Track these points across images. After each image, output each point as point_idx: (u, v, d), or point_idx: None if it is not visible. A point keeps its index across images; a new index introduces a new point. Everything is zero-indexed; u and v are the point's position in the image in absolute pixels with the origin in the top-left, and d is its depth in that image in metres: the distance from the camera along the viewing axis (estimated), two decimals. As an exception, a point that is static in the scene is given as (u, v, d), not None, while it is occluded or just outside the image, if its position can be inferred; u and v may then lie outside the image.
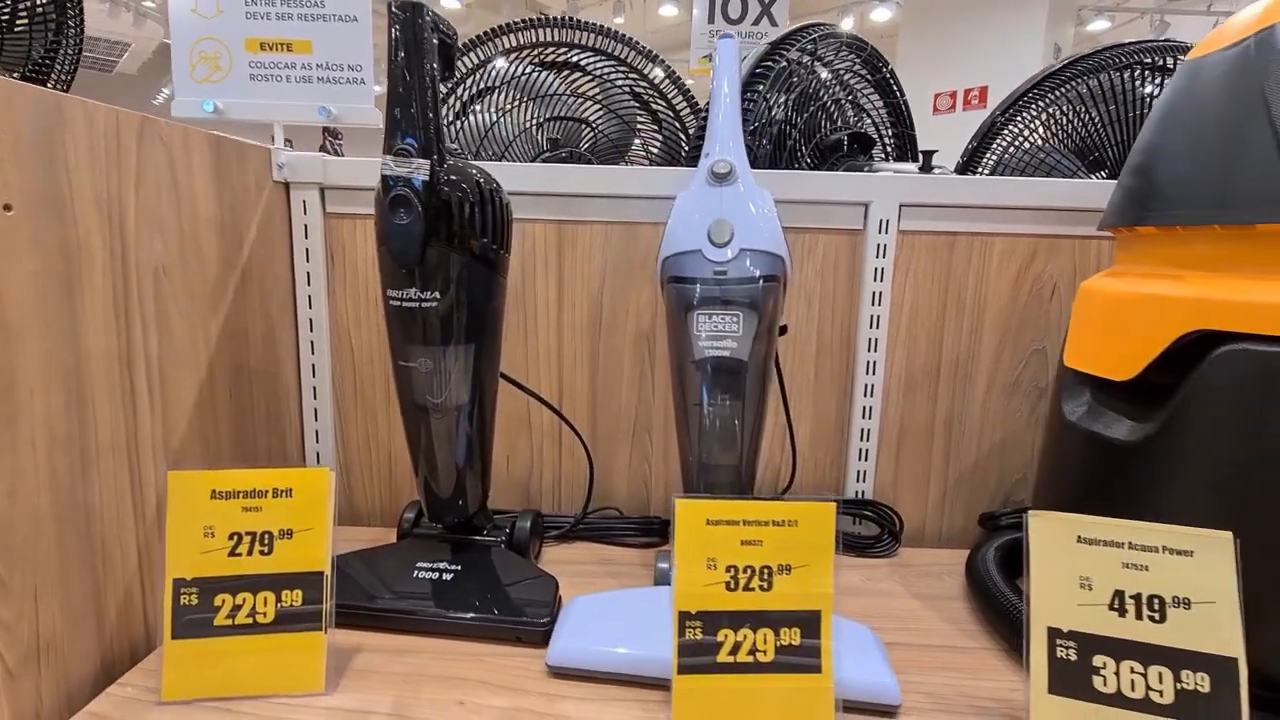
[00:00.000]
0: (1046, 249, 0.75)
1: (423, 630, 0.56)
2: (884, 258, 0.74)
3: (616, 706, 0.49)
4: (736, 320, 0.58)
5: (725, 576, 0.46)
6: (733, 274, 0.58)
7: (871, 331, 0.76)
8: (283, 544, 0.49)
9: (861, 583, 0.69)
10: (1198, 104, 0.52)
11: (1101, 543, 0.45)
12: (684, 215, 0.61)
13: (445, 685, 0.50)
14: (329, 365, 0.78)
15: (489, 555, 0.64)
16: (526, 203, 0.75)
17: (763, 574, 0.47)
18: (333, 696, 0.49)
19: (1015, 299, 0.76)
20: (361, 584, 0.60)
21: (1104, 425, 0.55)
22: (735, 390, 0.59)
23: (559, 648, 0.52)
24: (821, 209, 0.75)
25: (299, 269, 0.75)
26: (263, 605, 0.49)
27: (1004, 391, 0.78)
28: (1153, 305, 0.51)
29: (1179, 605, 0.43)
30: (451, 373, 0.60)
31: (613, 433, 0.80)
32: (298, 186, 0.74)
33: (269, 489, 0.49)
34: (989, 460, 0.79)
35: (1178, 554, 0.43)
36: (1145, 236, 0.55)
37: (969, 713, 0.49)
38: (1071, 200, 0.72)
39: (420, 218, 0.53)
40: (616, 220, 0.76)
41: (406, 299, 0.56)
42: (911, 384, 0.78)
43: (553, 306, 0.78)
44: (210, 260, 0.62)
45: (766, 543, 0.47)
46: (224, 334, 0.64)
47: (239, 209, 0.66)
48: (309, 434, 0.79)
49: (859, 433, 0.78)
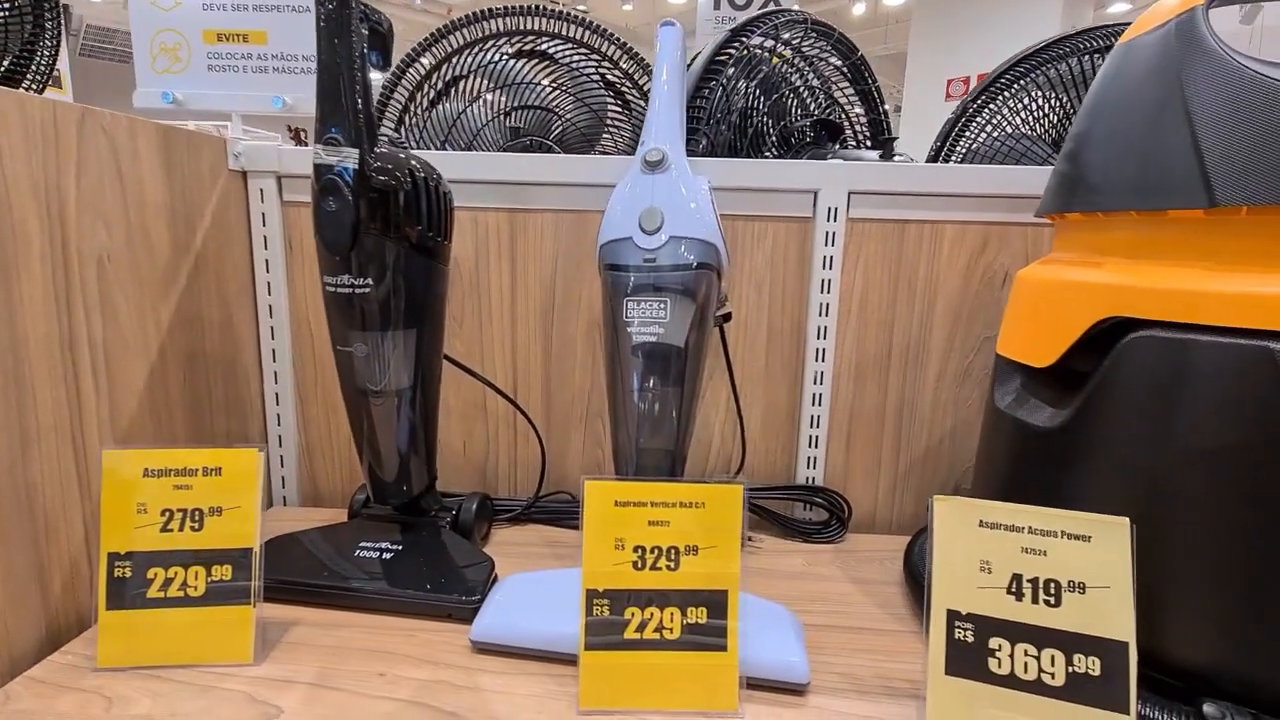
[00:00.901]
0: (998, 237, 0.74)
1: (358, 606, 0.58)
2: (833, 245, 0.75)
3: (531, 680, 0.50)
4: (665, 306, 0.58)
5: (633, 556, 0.48)
6: (662, 260, 0.58)
7: (821, 319, 0.76)
8: (213, 521, 0.51)
9: (803, 567, 0.70)
10: (1124, 89, 0.51)
11: (1002, 527, 0.45)
12: (618, 203, 0.61)
13: (370, 658, 0.52)
14: (289, 351, 0.80)
15: (431, 536, 0.66)
16: (478, 191, 0.76)
17: (670, 554, 0.48)
18: (260, 667, 0.51)
19: (966, 287, 0.76)
20: (303, 561, 0.62)
21: (1028, 412, 0.55)
22: (666, 375, 0.60)
23: (482, 624, 0.54)
24: (770, 196, 0.75)
25: (258, 257, 0.77)
26: (194, 579, 0.51)
27: (955, 380, 0.77)
28: (1071, 292, 0.51)
29: (1074, 590, 0.43)
30: (390, 358, 0.61)
31: (566, 418, 0.81)
32: (255, 175, 0.76)
33: (199, 468, 0.51)
34: (940, 449, 0.79)
35: (1076, 539, 0.44)
36: (1074, 223, 0.55)
37: (879, 692, 0.50)
38: (1023, 187, 0.72)
39: (350, 205, 0.54)
40: (567, 209, 0.77)
41: (340, 285, 0.57)
42: (862, 372, 0.78)
43: (506, 294, 0.79)
44: (160, 247, 0.64)
45: (674, 524, 0.48)
46: (177, 319, 0.66)
47: (192, 197, 0.67)
48: (270, 418, 0.81)
49: (809, 420, 0.78)
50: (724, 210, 0.61)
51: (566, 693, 0.49)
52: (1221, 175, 0.42)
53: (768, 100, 0.92)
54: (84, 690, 0.47)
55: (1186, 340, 0.44)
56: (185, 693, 0.48)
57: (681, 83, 0.65)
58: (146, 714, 0.45)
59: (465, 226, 0.77)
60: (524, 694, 0.49)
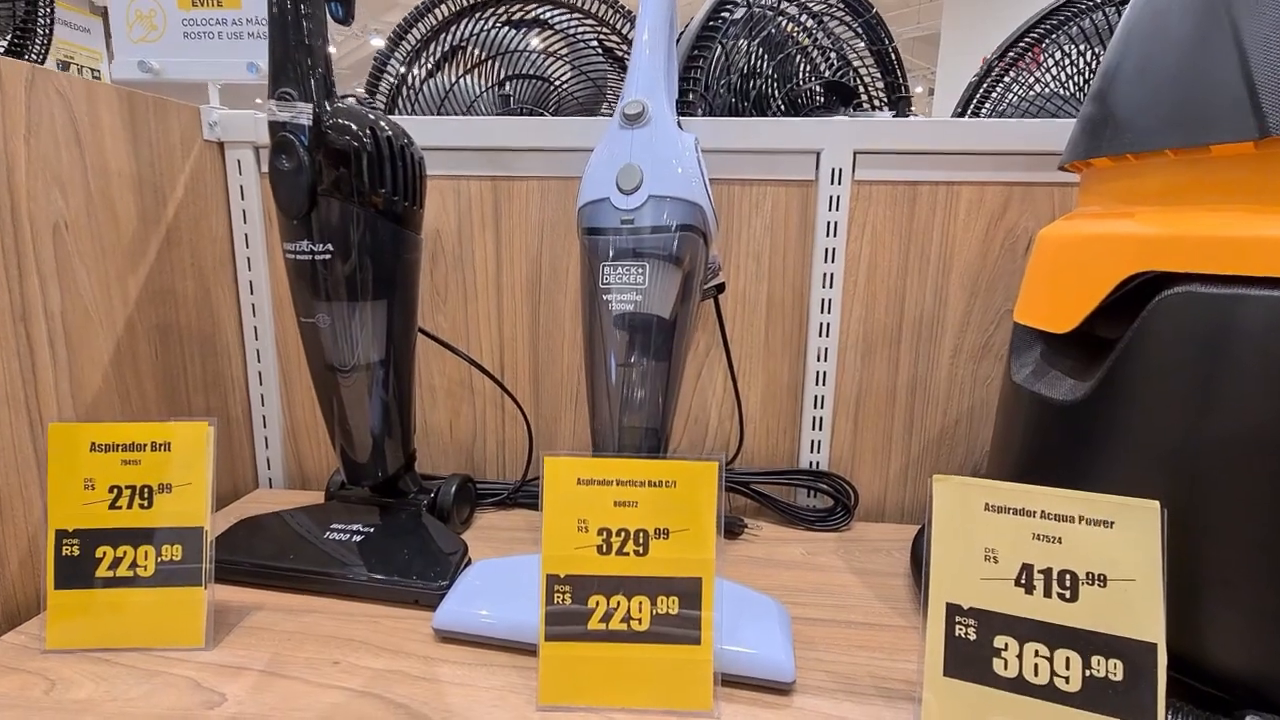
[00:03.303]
0: (1020, 198, 0.68)
1: (324, 591, 0.56)
2: (838, 210, 0.69)
3: (493, 672, 0.47)
4: (644, 272, 0.54)
5: (597, 540, 0.44)
6: (641, 222, 0.54)
7: (825, 291, 0.71)
8: (162, 498, 0.48)
9: (801, 556, 0.65)
10: (1158, 18, 0.45)
11: (1011, 511, 0.40)
12: (596, 162, 0.57)
13: (328, 645, 0.49)
14: (272, 328, 0.78)
15: (406, 519, 0.63)
16: (460, 158, 0.72)
17: (638, 538, 0.43)
18: (212, 652, 0.48)
19: (985, 254, 0.69)
20: (270, 543, 0.59)
21: (1046, 385, 0.49)
22: (647, 348, 0.56)
23: (446, 611, 0.50)
24: (769, 159, 0.69)
25: (236, 230, 0.75)
26: (143, 559, 0.48)
27: (972, 356, 0.71)
28: (1096, 246, 0.45)
29: (1093, 582, 0.38)
30: (358, 331, 0.58)
31: (555, 397, 0.77)
32: (232, 146, 0.73)
33: (147, 442, 0.48)
34: (956, 430, 0.73)
35: (1096, 524, 0.38)
36: (1101, 171, 0.49)
37: (871, 694, 0.45)
38: (1049, 142, 0.65)
39: (304, 165, 0.51)
40: (554, 175, 0.72)
41: (300, 251, 0.54)
42: (870, 347, 0.72)
43: (491, 268, 0.75)
44: (126, 217, 0.62)
45: (643, 504, 0.44)
46: (146, 292, 0.64)
47: (161, 167, 0.65)
48: (254, 398, 0.79)
49: (813, 399, 0.73)
50: (719, 174, 0.56)
51: (529, 686, 0.45)
52: (1276, 100, 0.36)
53: (772, 60, 0.86)
54: (28, 672, 0.45)
55: (1230, 295, 0.38)
56: (130, 677, 0.45)
57: (668, 30, 0.60)
58: (87, 698, 0.43)
59: (447, 196, 0.74)
60: (484, 686, 0.45)
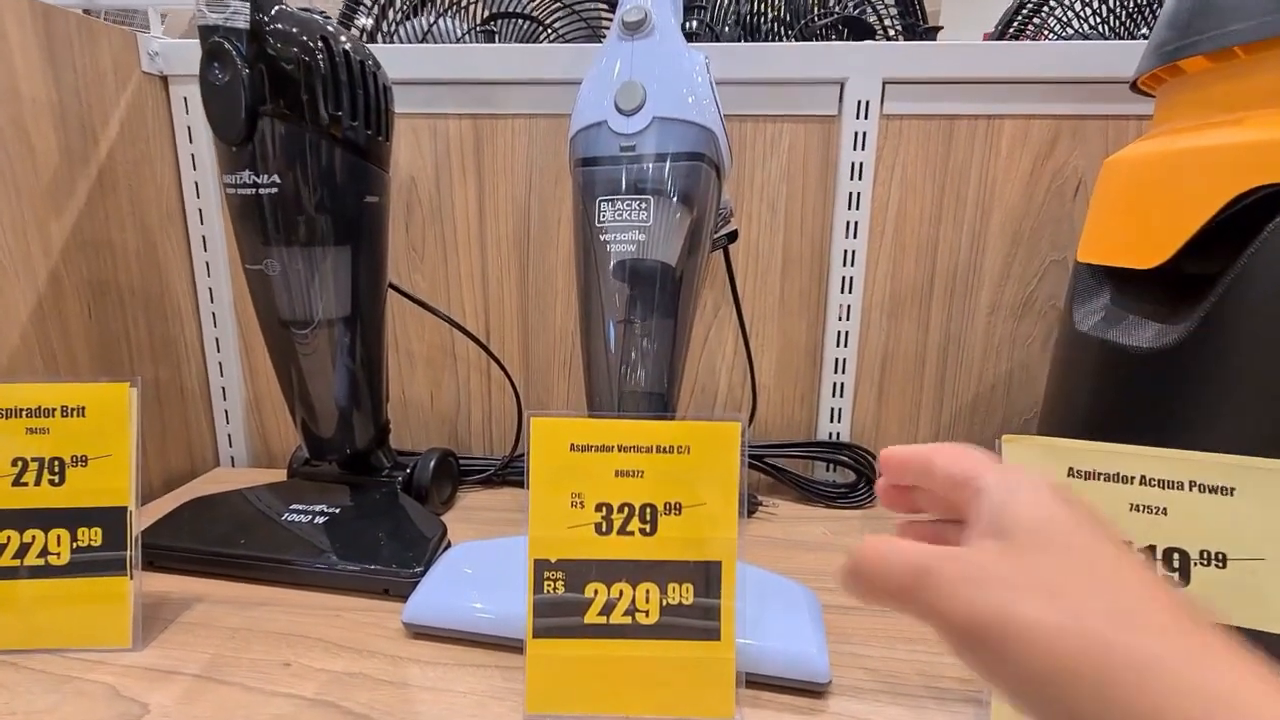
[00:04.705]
0: (1070, 133, 0.60)
1: (278, 580, 0.48)
2: (864, 149, 0.61)
3: (472, 674, 0.39)
4: (647, 208, 0.46)
5: (595, 517, 0.36)
6: (644, 149, 0.46)
7: (848, 242, 0.63)
8: (76, 473, 0.41)
9: (824, 536, 0.58)
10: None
11: (1102, 476, 0.32)
12: (591, 80, 0.49)
13: (279, 644, 0.42)
14: (229, 289, 0.69)
15: (376, 499, 0.56)
16: (435, 93, 0.64)
17: (644, 514, 0.36)
18: (141, 653, 0.41)
19: (1029, 198, 0.62)
20: (219, 526, 0.52)
21: (1123, 332, 0.42)
22: (649, 301, 0.48)
23: (416, 603, 0.43)
24: (785, 91, 0.61)
25: (185, 177, 0.66)
26: (55, 545, 0.41)
27: (1013, 312, 0.64)
28: (1196, 162, 0.38)
29: (1209, 562, 0.31)
30: (315, 281, 0.50)
31: (547, 363, 0.70)
32: (177, 80, 0.65)
33: (56, 407, 0.41)
34: (993, 395, 0.66)
35: (1212, 492, 0.31)
36: (1192, 78, 0.41)
37: (922, 695, 0.38)
38: (1104, 68, 0.57)
39: (242, 78, 0.43)
40: (542, 112, 0.64)
41: (241, 184, 0.46)
42: (897, 304, 0.65)
43: (473, 218, 0.67)
44: (45, 152, 0.53)
45: (650, 474, 0.36)
46: (74, 242, 0.56)
47: (88, 97, 0.57)
48: (211, 366, 0.71)
49: (834, 364, 0.65)
50: (728, 110, 0.48)
51: (515, 690, 0.38)
52: None
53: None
54: (-87, 681, 0.38)
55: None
56: (37, 685, 0.38)
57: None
58: (-20, 712, 0.36)
59: (422, 137, 0.65)
60: (460, 691, 0.38)
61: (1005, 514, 0.20)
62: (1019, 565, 0.19)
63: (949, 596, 0.19)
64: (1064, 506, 0.20)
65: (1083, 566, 0.19)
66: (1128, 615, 0.17)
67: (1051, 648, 0.17)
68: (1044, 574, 0.19)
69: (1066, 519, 0.20)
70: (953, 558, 0.20)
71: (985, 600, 0.19)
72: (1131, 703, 0.16)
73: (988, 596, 0.19)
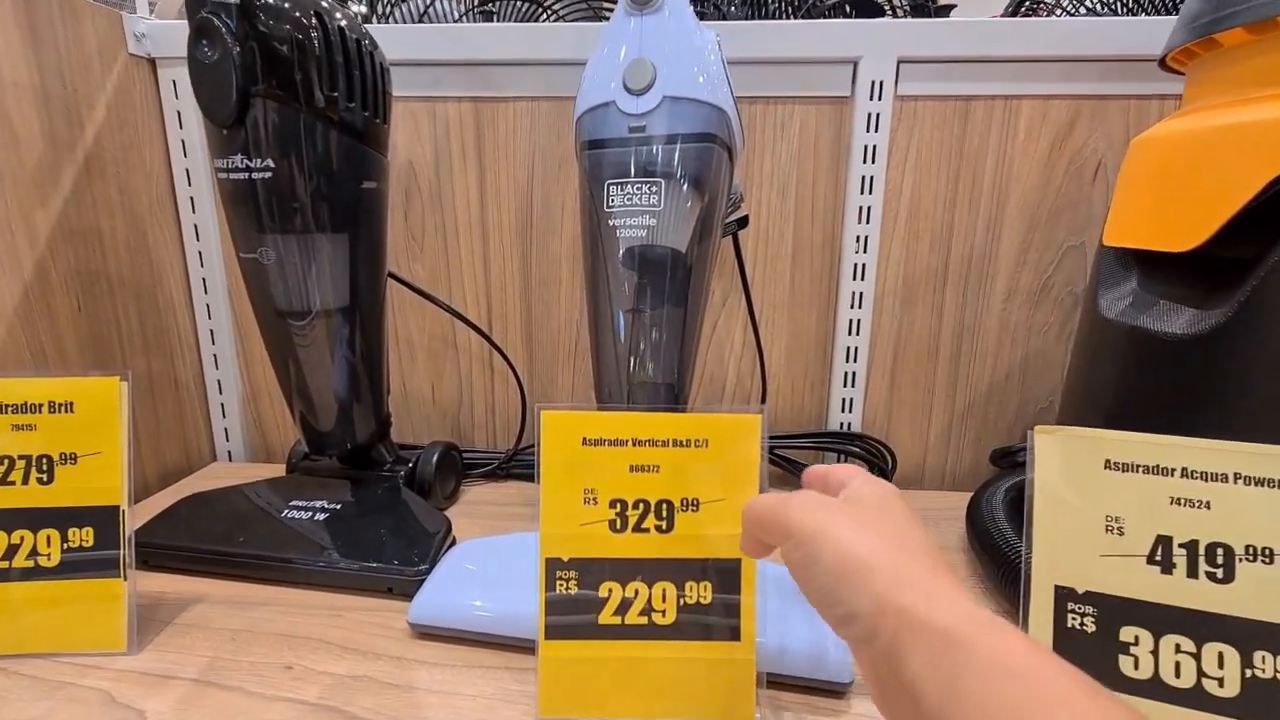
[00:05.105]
0: (1090, 114, 0.58)
1: (278, 579, 0.47)
2: (877, 132, 0.59)
3: (481, 676, 0.38)
4: (658, 192, 0.44)
5: (609, 514, 0.35)
6: (654, 129, 0.44)
7: (861, 227, 0.61)
8: (65, 471, 0.39)
9: (838, 530, 0.57)
10: None
11: (1141, 468, 0.31)
12: (598, 59, 0.47)
13: (280, 645, 0.40)
14: (223, 280, 0.68)
15: (378, 494, 0.54)
16: (434, 75, 0.62)
17: (660, 510, 0.34)
18: (136, 657, 0.39)
19: (1047, 181, 0.60)
20: (217, 524, 0.50)
21: (1155, 318, 0.40)
22: (658, 287, 0.46)
23: (422, 602, 0.41)
24: (796, 71, 0.59)
25: (176, 164, 0.64)
26: (45, 546, 0.39)
27: (1028, 299, 0.62)
28: (1234, 141, 0.36)
29: (1255, 558, 0.29)
30: (313, 270, 0.48)
31: (551, 354, 0.68)
32: (166, 63, 0.62)
33: (44, 402, 0.39)
34: (1007, 385, 0.64)
35: (1258, 484, 0.30)
36: (1228, 52, 0.39)
37: (947, 696, 0.37)
38: (1127, 45, 0.55)
39: (232, 55, 0.41)
40: (545, 95, 0.62)
41: (234, 169, 0.44)
42: (910, 292, 0.63)
43: (474, 205, 0.65)
44: (28, 137, 0.51)
45: (666, 468, 0.34)
46: (61, 232, 0.54)
47: (73, 80, 0.54)
48: (206, 359, 0.69)
49: (845, 352, 0.64)
50: (736, 92, 0.46)
51: (526, 694, 0.36)
52: None
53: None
54: (-100, 688, 0.37)
55: None
56: (30, 692, 0.36)
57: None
58: (-30, 720, 0.34)
59: (421, 120, 0.63)
60: (469, 694, 0.37)
61: (853, 489, 0.29)
62: (848, 508, 0.27)
63: (796, 510, 0.27)
64: (897, 498, 0.28)
65: (888, 521, 0.27)
66: (907, 551, 0.25)
67: (846, 550, 0.25)
68: (863, 517, 0.27)
69: (895, 501, 0.28)
70: (806, 495, 0.28)
71: (815, 517, 0.26)
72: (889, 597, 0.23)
73: (818, 514, 0.26)
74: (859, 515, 0.27)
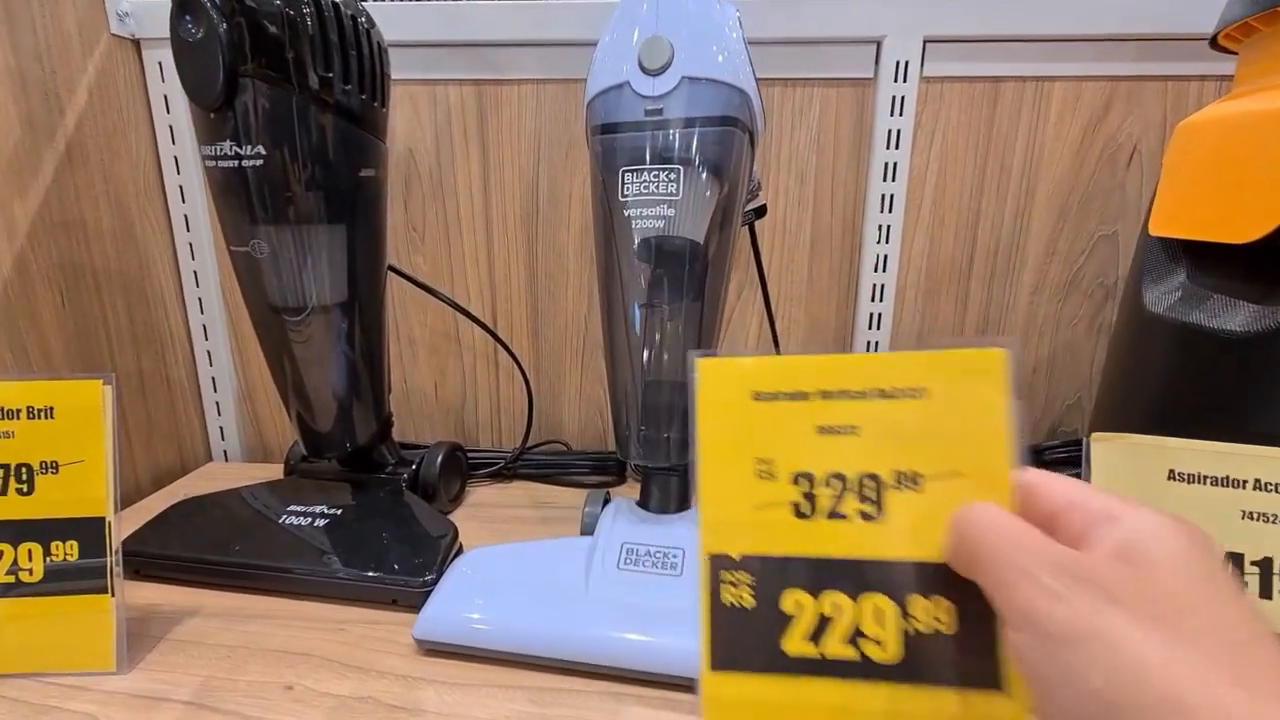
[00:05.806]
0: (1125, 97, 0.55)
1: (277, 589, 0.44)
2: (901, 115, 0.56)
3: (495, 697, 0.36)
4: (676, 179, 0.42)
5: (793, 493, 0.23)
6: (672, 112, 0.41)
7: (883, 216, 0.58)
8: (46, 480, 0.36)
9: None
10: None
11: (1209, 480, 0.29)
12: (611, 38, 0.44)
13: (279, 663, 0.38)
14: (215, 273, 0.65)
15: (381, 498, 0.52)
16: (434, 57, 0.59)
17: (864, 488, 0.23)
18: (126, 677, 0.37)
19: (1079, 167, 0.57)
20: (210, 531, 0.48)
21: (1209, 314, 0.38)
22: (675, 280, 0.44)
23: (429, 616, 0.39)
24: (816, 51, 0.56)
25: (164, 152, 0.61)
26: (27, 560, 0.37)
27: (1058, 291, 0.60)
28: (1306, 120, 0.33)
29: (1337, 578, 0.27)
30: (308, 263, 0.45)
31: (558, 350, 0.65)
32: (151, 44, 0.59)
33: (21, 408, 0.36)
34: (1035, 380, 0.62)
35: (1338, 498, 0.27)
36: (1292, 26, 0.36)
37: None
38: (1166, 23, 0.52)
39: (218, 32, 0.38)
40: (551, 77, 0.59)
41: (222, 156, 0.41)
42: (934, 284, 0.60)
43: (477, 194, 0.62)
44: (3, 123, 0.48)
45: (868, 430, 0.23)
46: (41, 223, 0.51)
47: (51, 63, 0.51)
48: (199, 356, 0.66)
49: (865, 347, 0.61)
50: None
51: (545, 716, 0.34)
52: None
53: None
54: (-127, 713, 0.34)
55: None
56: (11, 715, 0.34)
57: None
58: (-53, 750, 0.32)
59: (420, 105, 0.60)
60: (483, 718, 0.34)
61: (1131, 536, 0.17)
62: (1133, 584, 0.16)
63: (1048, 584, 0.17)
64: (1214, 559, 0.17)
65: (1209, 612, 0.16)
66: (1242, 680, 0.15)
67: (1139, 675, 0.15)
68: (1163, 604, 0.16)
69: (1213, 566, 0.17)
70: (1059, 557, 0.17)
71: (1080, 605, 0.16)
72: None
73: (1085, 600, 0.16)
74: (1156, 600, 0.16)
